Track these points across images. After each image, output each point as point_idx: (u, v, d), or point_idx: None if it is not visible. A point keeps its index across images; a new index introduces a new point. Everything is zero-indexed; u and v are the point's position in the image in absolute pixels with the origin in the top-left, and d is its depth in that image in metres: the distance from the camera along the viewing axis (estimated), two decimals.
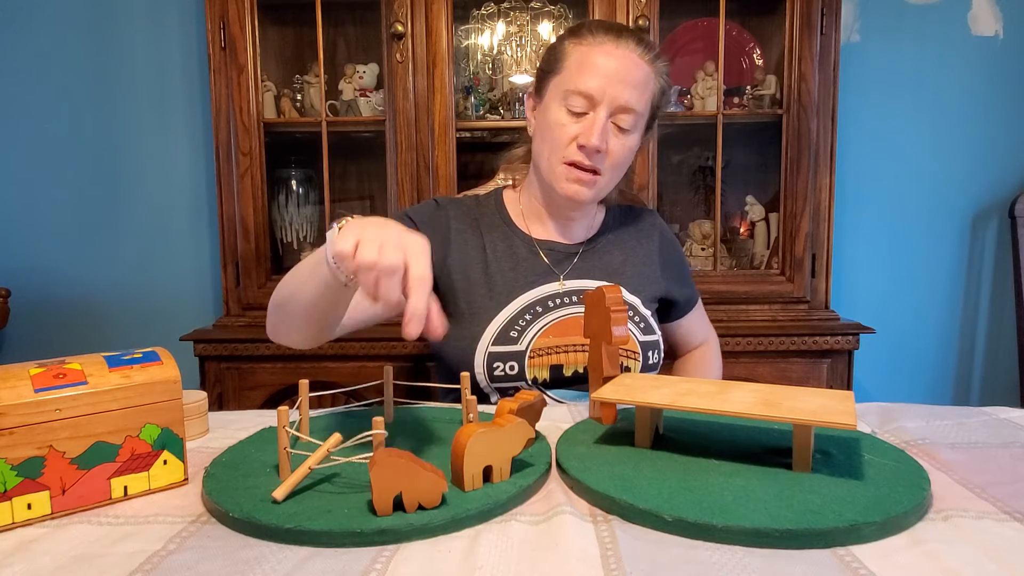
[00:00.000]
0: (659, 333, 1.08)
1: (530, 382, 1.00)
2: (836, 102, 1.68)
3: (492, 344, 0.99)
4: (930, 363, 2.02)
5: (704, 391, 0.70)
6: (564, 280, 1.05)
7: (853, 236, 1.99)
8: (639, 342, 1.03)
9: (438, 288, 1.06)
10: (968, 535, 0.52)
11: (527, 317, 1.01)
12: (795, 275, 1.71)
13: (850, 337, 1.65)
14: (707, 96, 1.76)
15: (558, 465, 0.66)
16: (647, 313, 1.07)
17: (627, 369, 1.02)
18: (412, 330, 0.60)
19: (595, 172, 1.00)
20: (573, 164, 0.99)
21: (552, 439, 0.74)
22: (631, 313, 1.05)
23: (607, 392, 0.70)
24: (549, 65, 1.03)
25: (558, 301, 1.03)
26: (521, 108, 1.83)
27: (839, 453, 0.66)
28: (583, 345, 1.00)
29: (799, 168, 1.69)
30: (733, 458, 0.66)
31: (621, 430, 0.75)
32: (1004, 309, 1.99)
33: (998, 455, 0.69)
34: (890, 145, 1.96)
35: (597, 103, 0.97)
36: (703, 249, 1.86)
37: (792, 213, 1.70)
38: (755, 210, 1.86)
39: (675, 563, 0.49)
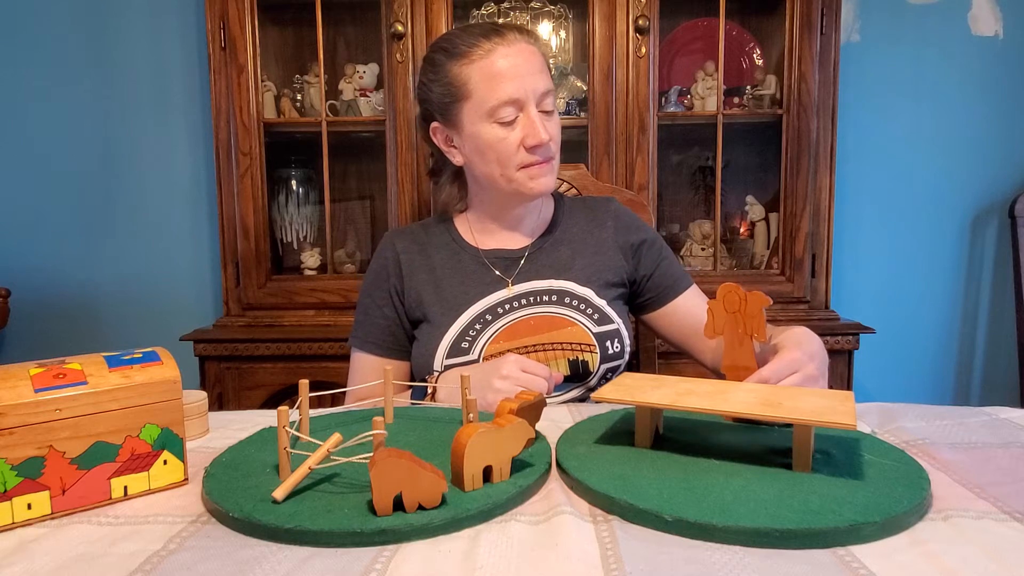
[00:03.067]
0: (620, 323, 1.07)
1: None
2: (836, 102, 1.69)
3: (446, 357, 1.02)
4: (930, 363, 2.02)
5: (704, 391, 0.70)
6: (513, 285, 1.07)
7: (853, 236, 1.99)
8: (593, 334, 1.04)
9: (408, 317, 1.10)
10: (968, 535, 0.52)
11: (477, 327, 1.04)
12: (795, 275, 1.71)
13: (850, 337, 1.65)
14: (707, 96, 1.76)
15: (558, 465, 0.66)
16: (601, 303, 1.07)
17: (584, 363, 1.03)
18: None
19: (549, 159, 1.03)
20: (529, 165, 1.01)
21: (552, 439, 0.74)
22: (583, 306, 1.06)
23: (607, 392, 0.70)
24: (450, 96, 1.02)
25: (507, 307, 1.05)
26: None
27: (839, 453, 0.66)
28: (535, 346, 1.02)
29: (799, 168, 1.69)
30: (733, 458, 0.66)
31: (621, 430, 0.75)
32: (1004, 309, 1.99)
33: (998, 455, 0.69)
34: (890, 145, 1.96)
35: (523, 102, 0.99)
36: (703, 249, 1.86)
37: (792, 213, 1.70)
38: (755, 210, 1.86)
39: (675, 563, 0.49)
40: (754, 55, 1.85)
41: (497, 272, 1.08)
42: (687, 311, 1.13)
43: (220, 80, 1.69)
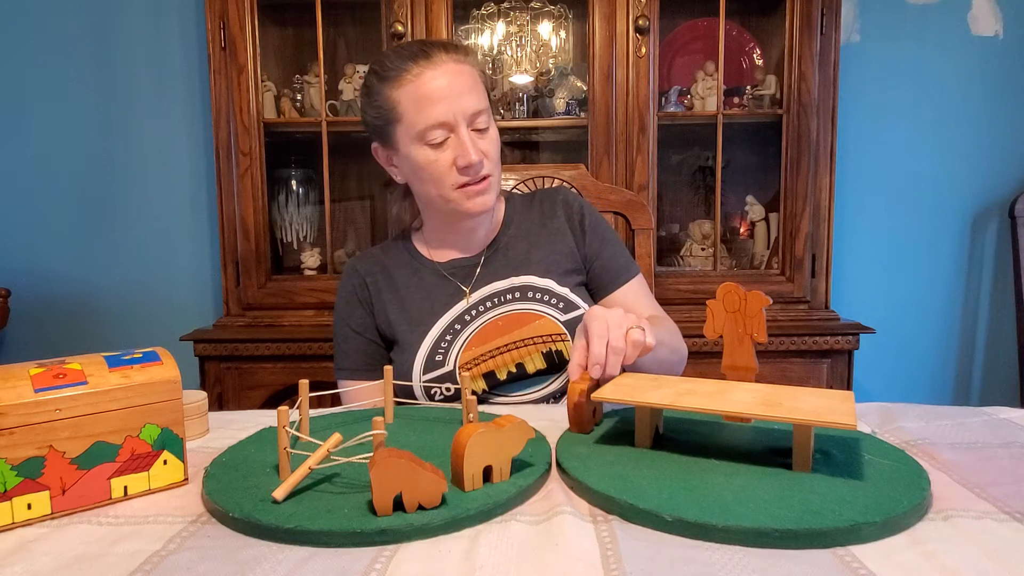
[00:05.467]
0: (585, 306, 1.07)
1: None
2: (836, 102, 1.69)
3: (423, 372, 1.03)
4: (930, 363, 2.02)
5: (704, 391, 0.70)
6: (471, 293, 1.07)
7: (853, 236, 1.99)
8: (561, 322, 1.05)
9: (382, 336, 1.11)
10: (968, 535, 0.52)
11: (448, 338, 1.04)
12: (795, 275, 1.71)
13: (850, 337, 1.65)
14: (707, 96, 1.76)
15: (558, 465, 0.66)
16: (564, 291, 1.07)
17: (559, 352, 1.04)
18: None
19: (485, 178, 1.02)
20: (464, 185, 1.01)
21: (552, 439, 0.74)
22: (546, 297, 1.06)
23: (607, 392, 0.70)
24: (383, 119, 1.03)
25: (473, 313, 1.06)
26: (521, 108, 1.83)
27: (839, 453, 0.66)
28: (507, 345, 1.03)
29: (799, 168, 1.69)
30: (733, 458, 0.66)
31: (621, 430, 0.75)
32: (1004, 309, 1.99)
33: (998, 455, 0.69)
34: (890, 145, 1.96)
35: (453, 125, 0.99)
36: (703, 249, 1.86)
37: (792, 213, 1.70)
38: (755, 210, 1.86)
39: (675, 563, 0.49)
40: (754, 55, 1.85)
41: (457, 283, 1.09)
42: (622, 303, 1.10)
43: (220, 80, 1.69)
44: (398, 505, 0.55)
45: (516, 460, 0.64)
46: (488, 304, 1.06)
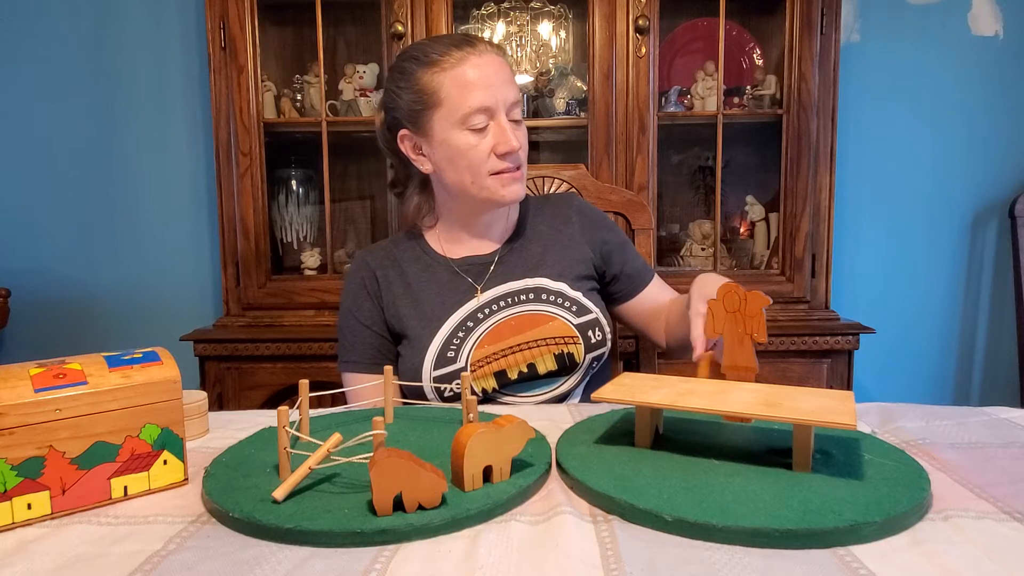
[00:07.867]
0: (597, 311, 1.08)
1: (479, 393, 1.03)
2: (836, 102, 1.69)
3: (433, 369, 1.03)
4: (930, 363, 2.02)
5: (704, 391, 0.70)
6: (482, 291, 1.07)
7: (853, 236, 1.99)
8: (574, 325, 1.05)
9: (390, 330, 1.10)
10: (968, 535, 0.52)
11: (460, 335, 1.04)
12: (795, 275, 1.71)
13: (850, 337, 1.66)
14: (707, 96, 1.76)
15: (558, 465, 0.66)
16: (577, 295, 1.08)
17: (570, 355, 1.04)
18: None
19: (518, 167, 1.04)
20: (500, 172, 1.02)
21: (552, 439, 0.74)
22: (560, 300, 1.07)
23: (607, 392, 0.70)
24: (421, 103, 1.01)
25: (486, 312, 1.06)
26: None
27: (839, 453, 0.66)
28: (519, 345, 1.03)
29: (799, 168, 1.69)
30: (733, 458, 0.66)
31: (621, 430, 0.75)
32: (1004, 309, 1.99)
33: (998, 455, 0.69)
34: (890, 145, 1.96)
35: (494, 111, 1.00)
36: (703, 249, 1.86)
37: (792, 213, 1.70)
38: (755, 210, 1.86)
39: (675, 563, 0.49)
40: (754, 55, 1.85)
41: (470, 280, 1.09)
42: (652, 300, 1.15)
43: (220, 80, 1.69)
44: (398, 505, 0.55)
45: (516, 460, 0.64)
46: (501, 304, 1.06)
